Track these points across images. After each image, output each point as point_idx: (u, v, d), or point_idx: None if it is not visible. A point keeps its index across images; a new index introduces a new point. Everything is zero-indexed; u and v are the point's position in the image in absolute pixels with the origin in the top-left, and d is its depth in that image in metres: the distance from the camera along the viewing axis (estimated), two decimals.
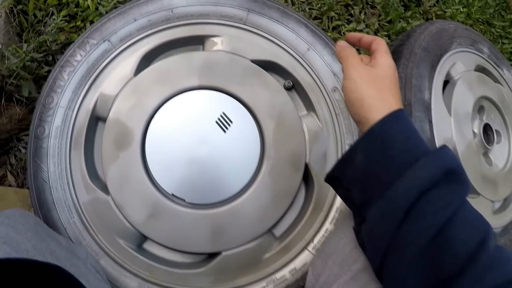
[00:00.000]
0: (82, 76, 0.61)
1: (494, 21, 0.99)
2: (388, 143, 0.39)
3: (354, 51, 0.49)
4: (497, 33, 1.00)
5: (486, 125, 0.79)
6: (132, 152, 0.58)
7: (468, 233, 0.35)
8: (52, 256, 0.44)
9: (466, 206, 0.37)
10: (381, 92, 0.43)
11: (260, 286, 0.59)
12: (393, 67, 0.46)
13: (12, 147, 0.76)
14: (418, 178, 0.36)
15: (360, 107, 0.43)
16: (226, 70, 0.61)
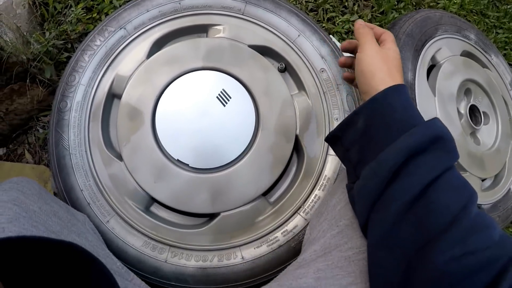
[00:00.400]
0: (101, 58, 0.79)
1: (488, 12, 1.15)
2: (388, 111, 0.49)
3: (371, 31, 0.61)
4: (491, 23, 1.15)
5: (473, 106, 0.95)
6: (143, 123, 0.76)
7: (450, 197, 0.41)
8: (55, 216, 0.53)
9: (452, 173, 0.43)
10: (390, 69, 0.54)
11: (254, 245, 0.75)
12: (399, 53, 0.58)
13: (31, 127, 0.94)
14: (407, 143, 0.44)
15: (371, 78, 0.54)
16: (226, 54, 0.79)
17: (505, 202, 0.93)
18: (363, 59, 0.56)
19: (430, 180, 0.42)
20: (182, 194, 0.74)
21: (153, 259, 0.73)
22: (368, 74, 0.55)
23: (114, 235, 0.73)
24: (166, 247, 0.74)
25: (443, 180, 0.43)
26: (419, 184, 0.43)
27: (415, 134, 0.45)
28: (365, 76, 0.55)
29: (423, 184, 0.42)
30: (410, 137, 0.45)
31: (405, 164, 0.44)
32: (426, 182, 0.42)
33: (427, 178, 0.43)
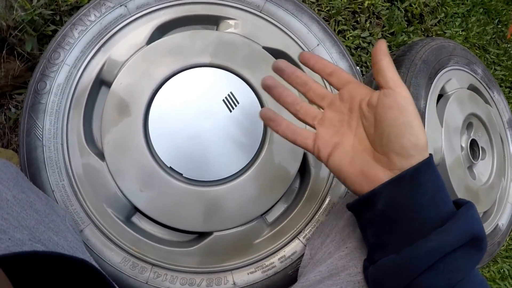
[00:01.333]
0: (93, 37, 0.60)
1: (490, 48, 1.06)
2: (417, 194, 0.36)
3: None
4: (491, 60, 1.06)
5: (473, 140, 0.84)
6: (134, 119, 0.58)
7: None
8: (31, 209, 0.42)
9: (475, 270, 0.36)
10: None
11: (248, 271, 0.59)
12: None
13: (2, 104, 0.73)
14: (442, 243, 0.34)
15: (402, 137, 0.36)
16: (238, 52, 0.62)
17: (492, 238, 0.83)
18: (405, 105, 0.36)
19: (459, 280, 0.35)
20: (172, 208, 0.57)
21: (132, 279, 0.56)
22: (402, 130, 0.36)
23: (88, 248, 0.56)
24: (148, 266, 0.56)
25: (469, 279, 0.35)
26: (446, 285, 0.34)
27: (452, 231, 0.34)
28: (397, 132, 0.36)
29: (450, 285, 0.34)
30: (447, 235, 0.34)
31: (436, 262, 0.35)
32: (454, 283, 0.34)
33: (456, 278, 0.35)
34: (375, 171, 0.38)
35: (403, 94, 0.37)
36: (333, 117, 0.44)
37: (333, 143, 0.42)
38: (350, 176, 0.40)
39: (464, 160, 0.80)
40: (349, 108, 0.42)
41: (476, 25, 1.06)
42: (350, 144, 0.41)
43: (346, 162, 0.40)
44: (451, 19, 1.04)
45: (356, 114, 0.41)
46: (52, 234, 0.43)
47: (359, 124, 0.41)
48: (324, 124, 0.44)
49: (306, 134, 0.45)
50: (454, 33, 1.01)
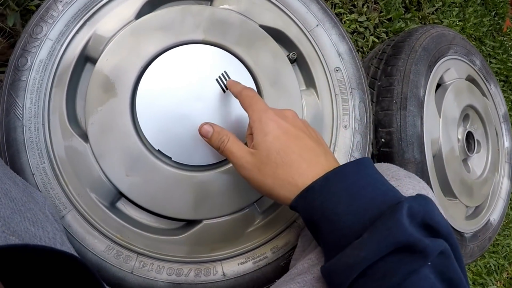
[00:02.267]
0: (78, 10, 0.53)
1: (486, 40, 1.01)
2: (330, 204, 0.34)
3: (228, 134, 0.42)
4: (487, 52, 1.02)
5: (469, 133, 0.80)
6: (120, 99, 0.52)
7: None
8: (6, 197, 0.37)
9: (422, 274, 0.30)
10: (306, 143, 0.38)
11: (238, 261, 0.54)
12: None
13: None
14: (357, 259, 0.30)
15: (289, 168, 0.37)
16: (233, 30, 0.57)
17: (484, 232, 0.80)
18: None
19: (396, 284, 0.29)
20: (160, 194, 0.52)
21: (116, 268, 0.51)
22: (280, 161, 0.37)
23: (69, 235, 0.50)
24: (134, 254, 0.51)
25: (410, 281, 0.29)
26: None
27: (365, 246, 0.31)
28: (276, 165, 0.37)
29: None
30: (359, 250, 0.31)
31: (358, 276, 0.31)
32: (390, 286, 0.30)
33: (392, 282, 0.29)
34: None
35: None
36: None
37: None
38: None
39: (460, 152, 0.76)
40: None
41: (473, 16, 1.02)
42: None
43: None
44: (448, 8, 0.99)
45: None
46: (29, 224, 0.39)
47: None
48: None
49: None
50: (451, 22, 0.97)
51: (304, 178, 0.36)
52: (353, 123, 0.60)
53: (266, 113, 0.40)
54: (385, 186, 0.35)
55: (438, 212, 0.32)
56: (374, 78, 0.71)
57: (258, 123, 0.39)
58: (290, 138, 0.38)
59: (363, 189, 0.34)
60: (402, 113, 0.66)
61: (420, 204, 0.31)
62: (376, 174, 0.36)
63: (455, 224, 0.73)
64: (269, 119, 0.39)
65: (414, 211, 0.31)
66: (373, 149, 0.68)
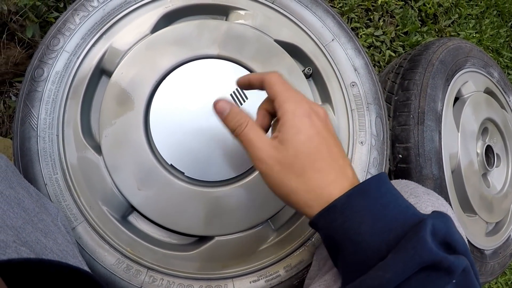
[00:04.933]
0: (95, 23, 0.52)
1: (503, 51, 0.97)
2: (353, 224, 0.31)
3: (247, 118, 0.36)
4: (504, 63, 0.98)
5: (488, 147, 0.76)
6: (134, 112, 0.50)
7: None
8: (18, 207, 0.36)
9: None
10: (336, 152, 0.33)
11: (250, 279, 0.52)
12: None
13: (2, 92, 0.67)
14: (382, 281, 0.28)
15: (312, 174, 0.33)
16: (248, 45, 0.55)
17: (504, 249, 0.75)
18: (265, 181, 0.35)
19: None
20: (172, 209, 0.50)
21: (125, 282, 0.49)
22: (309, 165, 0.33)
23: (80, 247, 0.49)
24: (144, 269, 0.49)
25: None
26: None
27: (390, 267, 0.28)
28: (304, 168, 0.33)
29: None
30: (384, 272, 0.28)
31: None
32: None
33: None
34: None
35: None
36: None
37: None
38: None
39: (479, 167, 0.72)
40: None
41: (489, 28, 0.98)
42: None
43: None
44: (464, 21, 0.96)
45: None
46: (41, 235, 0.37)
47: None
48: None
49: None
50: (468, 34, 0.93)
51: (332, 188, 0.32)
52: (369, 138, 0.57)
53: (301, 106, 0.34)
54: (405, 203, 0.33)
55: (456, 229, 0.31)
56: (391, 92, 0.68)
57: (291, 115, 0.33)
58: (322, 142, 0.33)
59: (385, 208, 0.31)
60: (420, 128, 0.63)
61: (442, 222, 0.30)
62: (394, 190, 0.33)
63: (475, 241, 0.69)
64: (304, 114, 0.33)
65: (436, 229, 0.29)
66: (390, 165, 0.64)
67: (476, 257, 0.69)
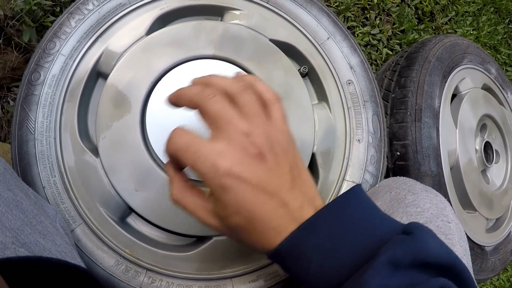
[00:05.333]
0: (90, 26, 0.53)
1: (501, 48, 0.97)
2: (301, 267, 0.28)
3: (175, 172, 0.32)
4: (502, 60, 0.98)
5: (486, 143, 0.75)
6: (130, 114, 0.51)
7: None
8: (17, 209, 0.36)
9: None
10: (289, 179, 0.29)
11: (249, 279, 0.51)
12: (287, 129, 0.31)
13: (0, 97, 0.67)
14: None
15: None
16: (244, 45, 0.55)
17: (505, 245, 0.75)
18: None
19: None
20: (169, 209, 0.50)
21: (124, 283, 0.49)
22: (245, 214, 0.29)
23: (78, 249, 0.49)
24: (142, 270, 0.49)
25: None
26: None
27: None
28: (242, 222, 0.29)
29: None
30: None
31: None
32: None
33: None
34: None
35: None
36: None
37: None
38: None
39: (478, 163, 0.72)
40: None
41: (487, 25, 0.98)
42: None
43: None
44: (461, 18, 0.96)
45: None
46: (39, 237, 0.37)
47: None
48: None
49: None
50: (465, 32, 0.93)
51: (273, 240, 0.29)
52: (366, 136, 0.57)
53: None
54: (370, 227, 0.28)
55: (434, 241, 0.27)
56: (388, 90, 0.68)
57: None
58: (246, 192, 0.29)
59: (339, 242, 0.27)
60: (417, 125, 0.62)
61: (406, 247, 0.26)
62: (358, 213, 0.29)
63: (475, 237, 0.68)
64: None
65: (397, 259, 0.25)
66: (388, 163, 0.64)
67: (476, 254, 0.69)
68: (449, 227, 0.42)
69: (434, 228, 0.41)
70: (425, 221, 0.42)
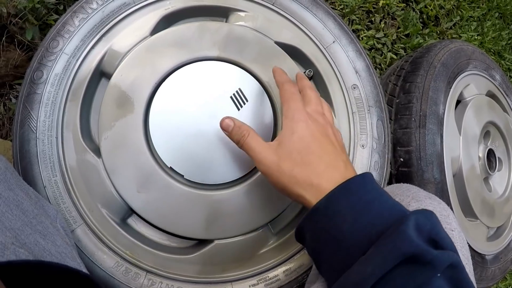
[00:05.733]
0: (94, 25, 0.52)
1: (505, 54, 0.97)
2: (336, 224, 0.33)
3: (248, 129, 0.42)
4: (507, 66, 0.97)
5: (490, 150, 0.75)
6: (134, 114, 0.50)
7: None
8: (17, 208, 0.36)
9: (432, 286, 0.28)
10: (332, 150, 0.38)
11: (249, 283, 0.51)
12: (331, 112, 0.46)
13: (2, 94, 0.66)
14: (364, 275, 0.29)
15: (306, 168, 0.37)
16: (249, 47, 0.54)
17: (506, 254, 0.74)
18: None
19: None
20: (171, 212, 0.49)
21: (124, 285, 0.48)
22: (300, 160, 0.38)
23: (78, 249, 0.48)
24: (143, 272, 0.49)
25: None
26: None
27: (371, 260, 0.29)
28: (295, 163, 0.38)
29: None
30: (365, 266, 0.29)
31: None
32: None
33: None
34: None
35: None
36: None
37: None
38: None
39: (481, 171, 0.72)
40: None
41: (491, 30, 0.97)
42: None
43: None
44: (466, 23, 0.95)
45: None
46: (39, 237, 0.37)
47: None
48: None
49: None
50: (469, 37, 0.93)
51: (320, 179, 0.36)
52: (370, 142, 0.57)
53: (299, 113, 0.40)
54: (391, 200, 0.34)
55: (443, 228, 0.31)
56: (392, 95, 0.67)
57: (290, 121, 0.40)
58: (314, 140, 0.38)
59: (369, 205, 0.33)
60: (421, 131, 0.62)
61: (426, 217, 0.31)
62: (380, 189, 0.35)
63: (476, 245, 0.68)
64: (300, 119, 0.39)
65: (420, 224, 0.30)
66: (391, 169, 0.64)
67: (477, 262, 0.68)
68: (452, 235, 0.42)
69: None
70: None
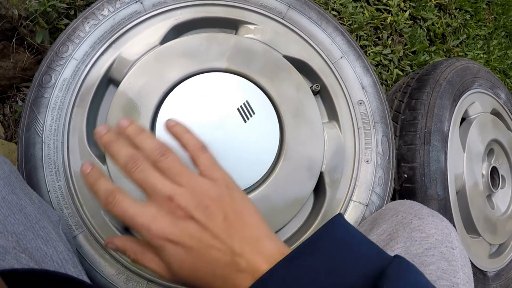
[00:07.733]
0: (104, 32, 0.52)
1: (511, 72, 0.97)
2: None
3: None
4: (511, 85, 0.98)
5: (493, 168, 0.75)
6: (141, 122, 0.50)
7: None
8: (20, 213, 0.36)
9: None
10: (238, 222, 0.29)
11: None
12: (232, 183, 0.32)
13: (9, 96, 0.66)
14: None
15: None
16: (257, 59, 0.54)
17: (507, 271, 0.74)
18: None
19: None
20: None
21: None
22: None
23: (80, 256, 0.48)
24: (144, 281, 0.49)
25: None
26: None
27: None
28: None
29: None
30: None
31: None
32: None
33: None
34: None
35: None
36: None
37: None
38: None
39: (484, 188, 0.71)
40: None
41: (497, 49, 0.98)
42: None
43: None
44: (473, 41, 0.96)
45: None
46: (41, 242, 0.37)
47: None
48: None
49: None
50: (475, 55, 0.93)
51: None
52: (375, 157, 0.57)
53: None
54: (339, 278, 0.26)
55: (415, 277, 0.27)
56: (397, 111, 0.68)
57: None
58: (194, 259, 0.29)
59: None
60: (426, 148, 0.62)
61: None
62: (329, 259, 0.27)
63: (478, 262, 0.67)
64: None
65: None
66: (395, 185, 0.64)
67: (478, 279, 0.68)
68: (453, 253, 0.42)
69: (438, 254, 0.42)
70: (429, 246, 0.42)
